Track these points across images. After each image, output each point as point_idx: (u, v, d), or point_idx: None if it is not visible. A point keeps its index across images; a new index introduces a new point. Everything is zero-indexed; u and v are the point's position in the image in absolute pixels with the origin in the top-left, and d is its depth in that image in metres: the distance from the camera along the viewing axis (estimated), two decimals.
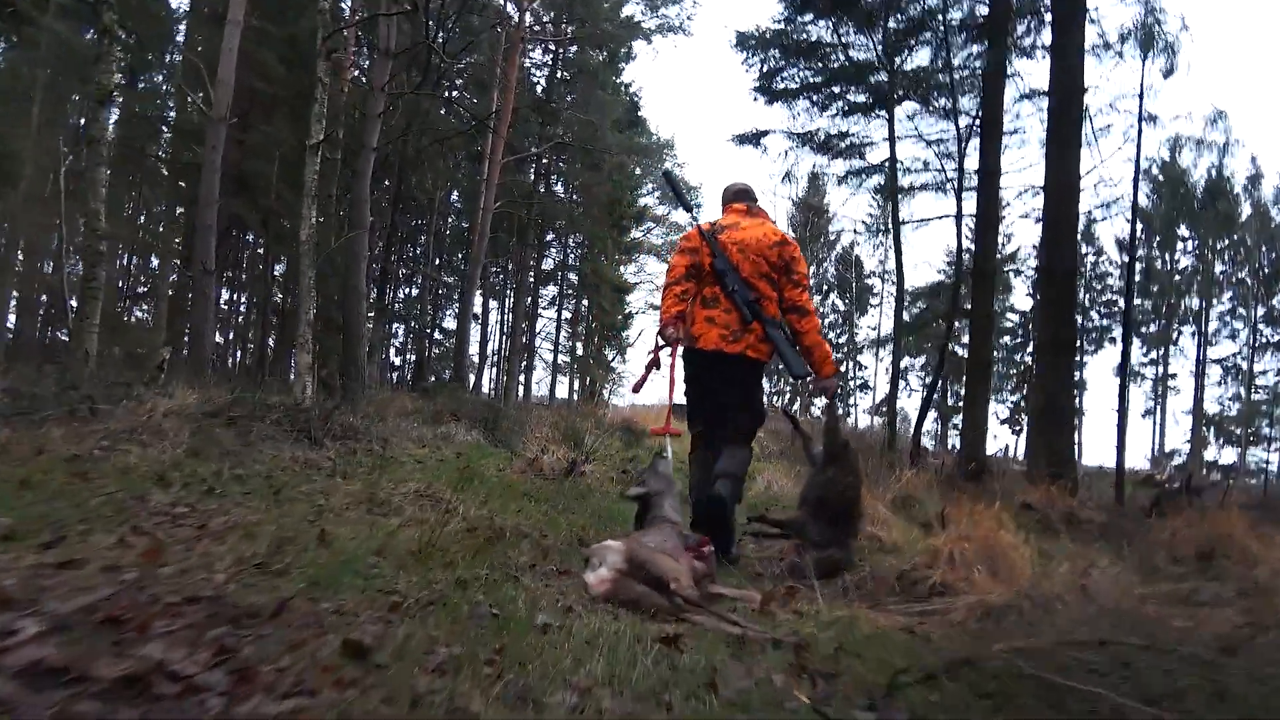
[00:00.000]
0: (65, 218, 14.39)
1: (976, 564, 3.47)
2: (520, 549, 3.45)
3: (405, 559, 2.69)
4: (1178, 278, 40.07)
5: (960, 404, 41.16)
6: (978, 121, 15.25)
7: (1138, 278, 32.45)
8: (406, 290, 33.57)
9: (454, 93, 27.77)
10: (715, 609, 2.82)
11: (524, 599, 2.49)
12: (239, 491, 3.92)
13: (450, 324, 32.76)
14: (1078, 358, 26.91)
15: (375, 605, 2.07)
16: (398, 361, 34.75)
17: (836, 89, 18.15)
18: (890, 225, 19.73)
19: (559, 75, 30.53)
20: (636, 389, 4.89)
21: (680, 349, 4.64)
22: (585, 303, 37.76)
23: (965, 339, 31.07)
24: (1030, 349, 42.20)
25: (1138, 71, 14.16)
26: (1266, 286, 39.68)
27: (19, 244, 20.43)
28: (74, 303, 13.51)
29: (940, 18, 15.71)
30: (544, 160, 31.26)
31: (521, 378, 34.06)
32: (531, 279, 34.76)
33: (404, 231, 30.80)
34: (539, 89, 30.17)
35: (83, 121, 19.26)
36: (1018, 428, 42.27)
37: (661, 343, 4.58)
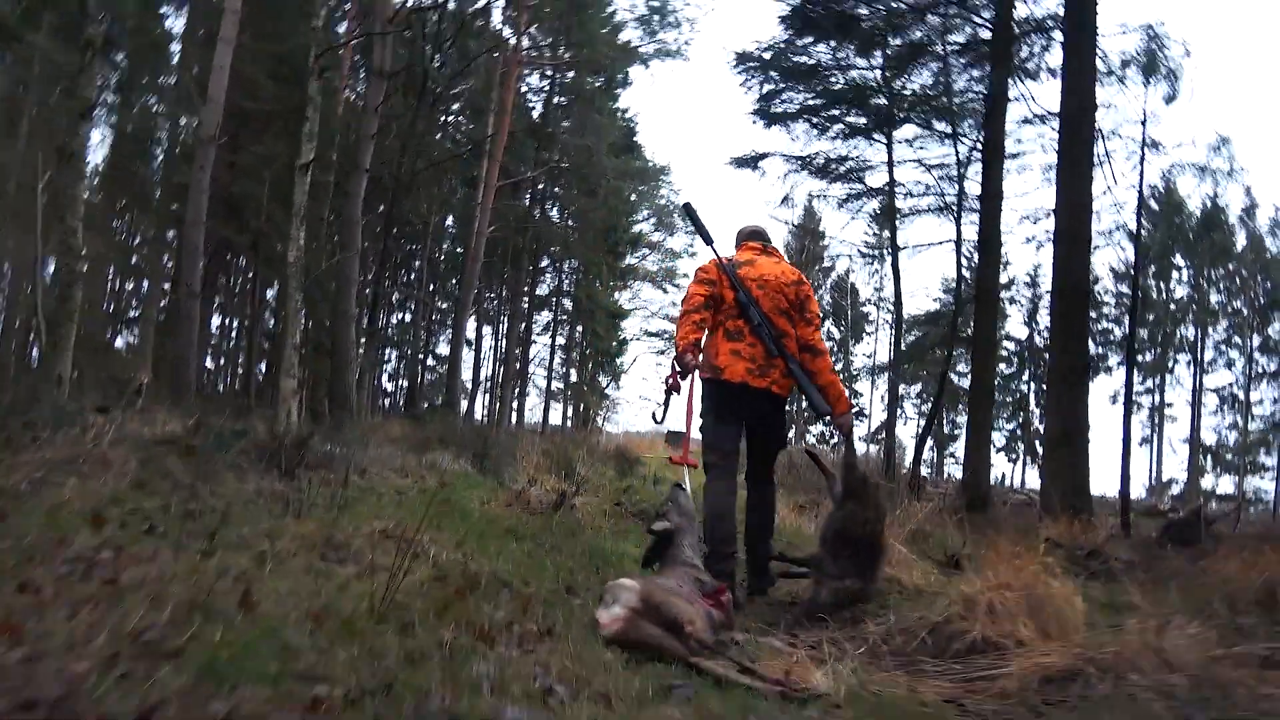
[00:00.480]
0: (43, 235, 13.98)
1: (1020, 617, 3.02)
2: (497, 601, 2.98)
3: (350, 624, 2.21)
4: (1173, 307, 39.93)
5: (956, 432, 41.08)
6: (979, 145, 14.98)
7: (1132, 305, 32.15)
8: (400, 315, 33.24)
9: (449, 116, 27.55)
10: (732, 657, 2.75)
11: (492, 679, 1.99)
12: (185, 530, 3.47)
13: (444, 349, 32.37)
14: None
15: (286, 703, 1.60)
16: (390, 387, 34.36)
17: (836, 111, 17.89)
18: (889, 251, 19.45)
19: (555, 100, 30.32)
20: (657, 418, 4.84)
21: (698, 377, 4.63)
22: (579, 329, 37.38)
23: (961, 366, 30.96)
24: (1027, 376, 42.10)
25: (1139, 98, 13.92)
26: (1262, 316, 39.58)
27: (4, 265, 20.10)
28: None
29: (942, 40, 15.47)
30: (540, 185, 31.03)
31: (515, 404, 33.64)
32: (526, 304, 34.38)
33: (398, 257, 30.49)
34: (535, 114, 29.96)
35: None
36: (1014, 456, 42.05)
37: (679, 368, 4.53)
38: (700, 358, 4.59)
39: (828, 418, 4.77)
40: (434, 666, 1.99)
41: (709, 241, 4.86)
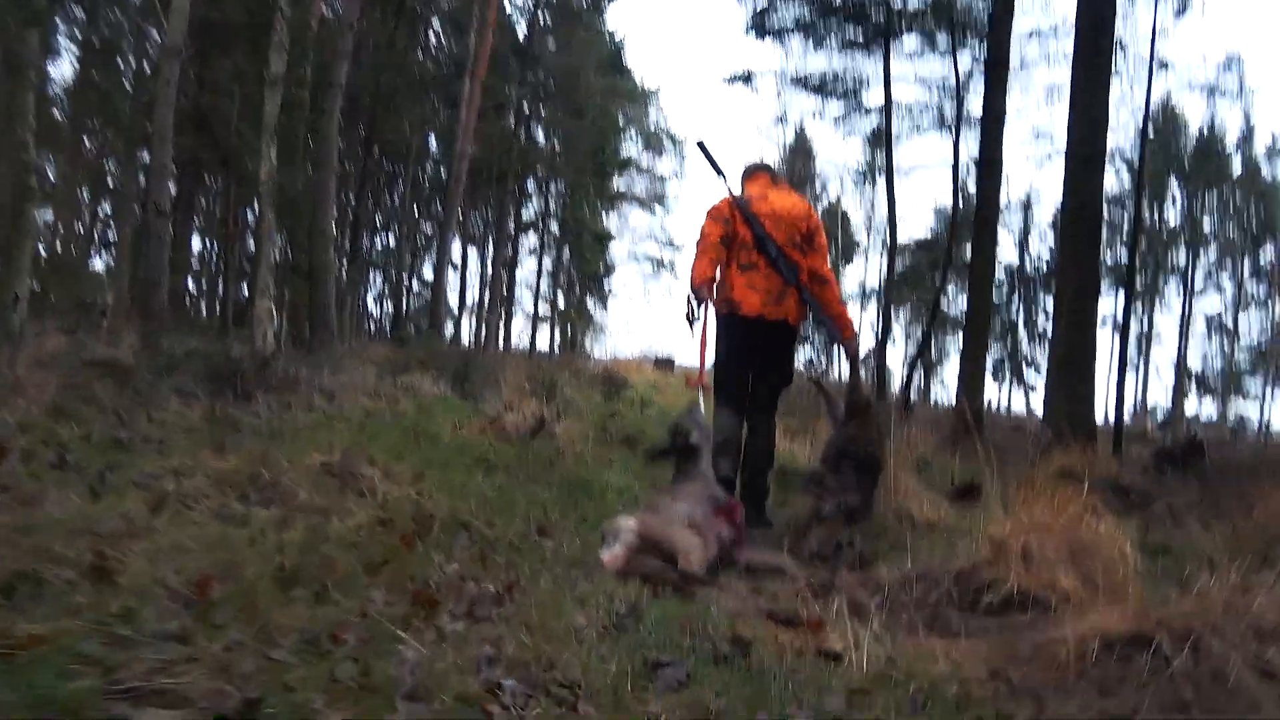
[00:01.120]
0: None
1: (1061, 564, 2.61)
2: (450, 550, 2.51)
3: (247, 592, 1.71)
4: (1165, 232, 39.61)
5: (944, 357, 41.06)
6: (982, 60, 14.32)
7: (1126, 234, 31.84)
8: (384, 238, 32.46)
9: (429, 33, 26.53)
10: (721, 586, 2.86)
11: (416, 676, 1.46)
12: (103, 463, 3.02)
13: (430, 273, 31.75)
14: None
15: None
16: (376, 311, 33.79)
17: (833, 22, 17.17)
18: (883, 172, 18.95)
19: (540, 18, 29.23)
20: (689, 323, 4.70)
21: (713, 313, 4.71)
22: (567, 252, 36.76)
23: (951, 289, 30.56)
24: (1017, 301, 41.85)
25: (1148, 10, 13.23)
26: (1253, 242, 39.44)
27: None
28: None
29: None
30: (524, 106, 30.12)
31: (501, 328, 33.15)
32: (512, 228, 33.65)
33: (380, 178, 29.67)
34: (519, 32, 28.89)
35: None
36: (1001, 380, 42.08)
37: (695, 301, 4.54)
38: (715, 292, 4.63)
39: (836, 343, 4.91)
40: (339, 658, 1.50)
41: (723, 177, 4.85)
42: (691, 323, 4.60)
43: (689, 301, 4.54)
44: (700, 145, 5.03)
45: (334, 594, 1.82)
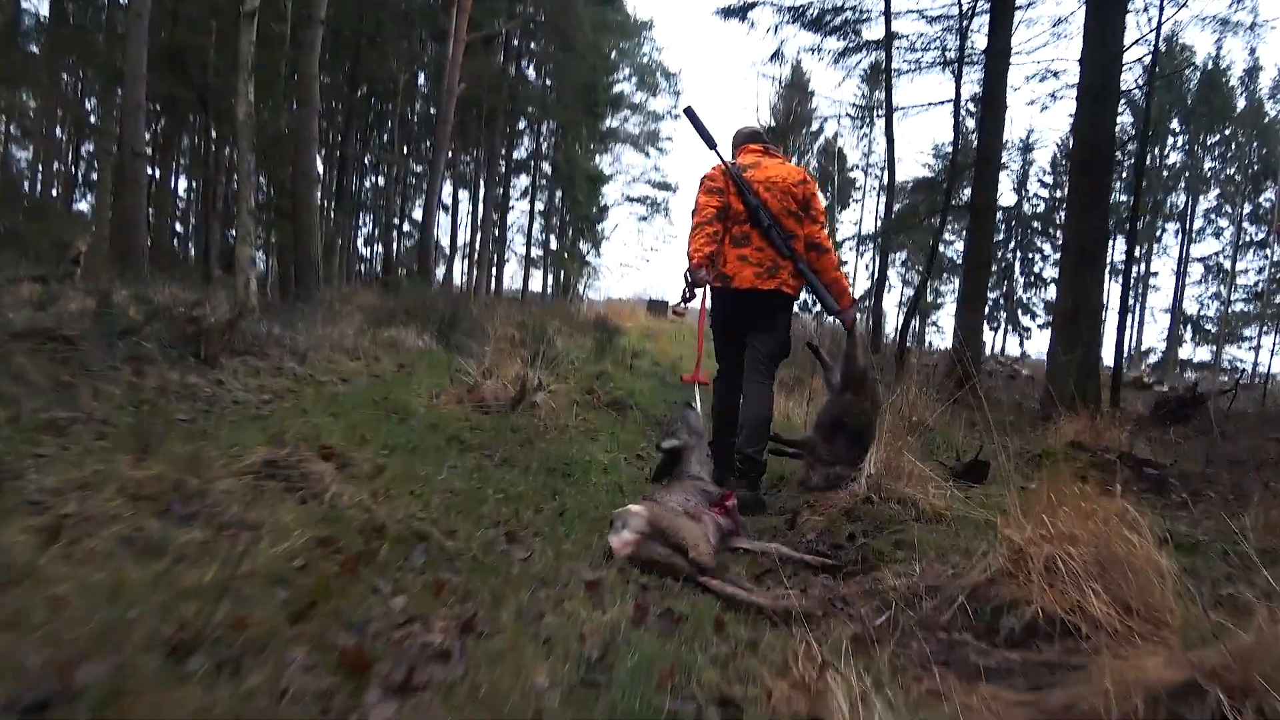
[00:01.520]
0: None
1: (1089, 583, 2.33)
2: (400, 575, 2.17)
3: (122, 675, 1.34)
4: (1165, 173, 39.15)
5: (940, 301, 40.87)
6: None
7: (1127, 174, 31.35)
8: (373, 179, 31.87)
9: None
10: (731, 579, 2.82)
11: None
12: (32, 454, 2.72)
13: (420, 215, 31.26)
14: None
15: None
16: (366, 253, 33.33)
17: None
18: (882, 112, 18.46)
19: None
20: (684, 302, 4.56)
21: (709, 290, 4.64)
22: (559, 194, 36.23)
23: (948, 235, 30.13)
24: (1012, 246, 41.49)
25: None
26: (1254, 184, 39.08)
27: None
28: None
29: None
30: (514, 41, 29.37)
31: (494, 271, 32.74)
32: (503, 168, 33.06)
33: (369, 117, 29.05)
34: None
35: None
36: (996, 325, 42.00)
37: (692, 282, 4.41)
38: (714, 271, 4.51)
39: (833, 315, 4.73)
40: None
41: (712, 145, 4.72)
42: (688, 301, 4.46)
43: (686, 280, 4.38)
44: (689, 112, 4.81)
45: (241, 662, 1.48)
